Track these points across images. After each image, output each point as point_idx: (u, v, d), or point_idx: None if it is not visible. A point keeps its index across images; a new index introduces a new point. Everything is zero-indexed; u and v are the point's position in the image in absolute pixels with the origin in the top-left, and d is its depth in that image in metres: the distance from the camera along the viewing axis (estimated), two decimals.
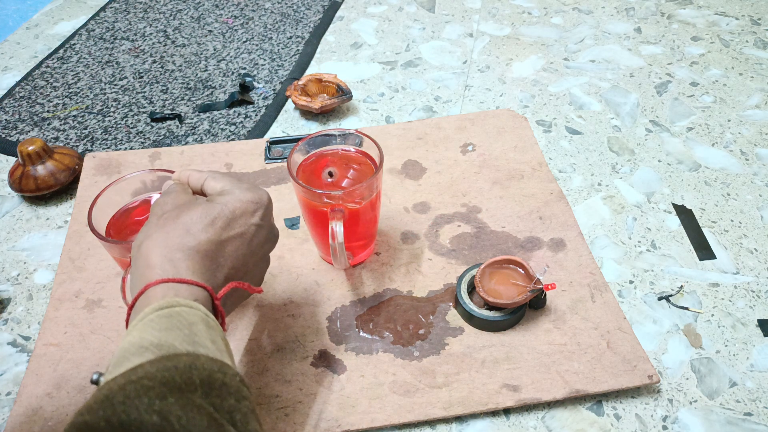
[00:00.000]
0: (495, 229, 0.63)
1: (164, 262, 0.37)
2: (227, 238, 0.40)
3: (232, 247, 0.40)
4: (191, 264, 0.37)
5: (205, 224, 0.39)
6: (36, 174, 0.67)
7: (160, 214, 0.40)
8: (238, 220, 0.41)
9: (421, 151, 0.73)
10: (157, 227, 0.39)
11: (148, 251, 0.38)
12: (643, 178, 0.71)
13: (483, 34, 0.96)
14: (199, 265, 0.38)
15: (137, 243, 0.39)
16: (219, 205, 0.41)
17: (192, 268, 0.37)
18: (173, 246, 0.38)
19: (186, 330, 0.34)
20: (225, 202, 0.41)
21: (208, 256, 0.39)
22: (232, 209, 0.41)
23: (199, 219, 0.39)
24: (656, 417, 0.50)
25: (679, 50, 0.92)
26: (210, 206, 0.40)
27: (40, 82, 0.87)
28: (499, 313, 0.53)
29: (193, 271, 0.37)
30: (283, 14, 1.02)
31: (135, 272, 0.38)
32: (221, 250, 0.40)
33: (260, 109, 0.82)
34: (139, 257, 0.38)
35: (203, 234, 0.39)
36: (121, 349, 0.33)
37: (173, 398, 0.29)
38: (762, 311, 0.57)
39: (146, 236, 0.39)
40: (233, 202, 0.41)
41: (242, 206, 0.41)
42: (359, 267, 0.60)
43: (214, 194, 0.43)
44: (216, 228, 0.39)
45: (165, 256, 0.37)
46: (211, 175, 0.44)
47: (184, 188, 0.44)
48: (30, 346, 0.56)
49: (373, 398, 0.50)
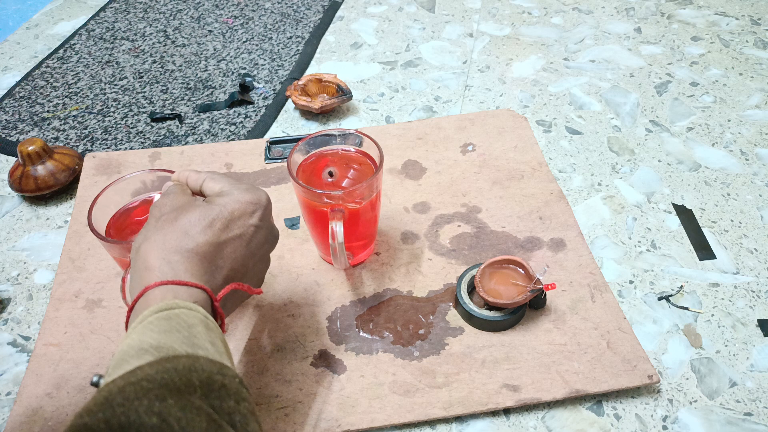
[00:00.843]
0: (495, 229, 0.63)
1: (163, 265, 0.37)
2: (226, 239, 0.40)
3: (230, 249, 0.40)
4: (190, 266, 0.37)
5: (204, 226, 0.39)
6: (36, 174, 0.67)
7: (158, 216, 0.40)
8: (236, 222, 0.41)
9: (421, 151, 0.73)
10: (155, 229, 0.39)
11: (147, 253, 0.38)
12: (643, 178, 0.71)
13: (483, 34, 0.96)
14: (197, 267, 0.38)
15: (136, 245, 0.39)
16: (217, 207, 0.40)
17: (191, 270, 0.37)
18: (172, 248, 0.38)
19: (185, 332, 0.34)
20: (223, 203, 0.41)
21: (206, 257, 0.39)
22: (230, 210, 0.41)
23: (198, 221, 0.39)
24: (656, 417, 0.50)
25: (679, 50, 0.92)
26: (208, 208, 0.40)
27: (40, 82, 0.87)
28: (499, 313, 0.53)
29: (192, 273, 0.37)
30: (283, 14, 1.02)
31: (134, 274, 0.38)
32: (220, 251, 0.40)
33: (260, 109, 0.82)
34: (138, 259, 0.38)
35: (202, 236, 0.39)
36: (121, 351, 0.33)
37: (173, 400, 0.29)
38: (762, 311, 0.57)
39: (145, 238, 0.39)
40: (232, 203, 0.41)
41: (241, 207, 0.41)
42: (359, 267, 0.60)
43: (212, 195, 0.43)
44: (214, 230, 0.39)
45: (163, 259, 0.37)
46: (209, 175, 0.44)
47: (182, 189, 0.44)
48: (30, 346, 0.56)
49: (373, 398, 0.50)
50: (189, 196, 0.43)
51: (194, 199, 0.43)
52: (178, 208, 0.41)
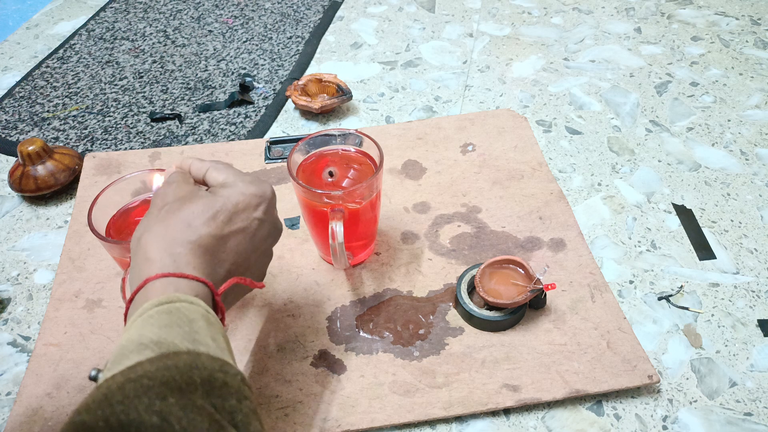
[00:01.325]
0: (495, 229, 0.63)
1: (164, 257, 0.36)
2: (229, 232, 0.39)
3: (234, 242, 0.39)
4: (192, 259, 0.37)
5: (207, 218, 0.38)
6: (36, 174, 0.67)
7: (161, 206, 0.39)
8: (240, 215, 0.40)
9: (421, 151, 0.73)
10: (157, 220, 0.38)
11: (148, 244, 0.37)
12: (643, 178, 0.71)
13: (483, 34, 0.96)
14: (199, 260, 0.37)
15: (137, 235, 0.38)
16: (221, 199, 0.39)
17: (193, 262, 0.36)
18: (174, 240, 0.37)
19: (186, 327, 0.33)
20: (227, 195, 0.40)
21: (209, 250, 0.38)
22: (234, 203, 0.40)
23: (201, 212, 0.38)
24: (656, 417, 0.50)
25: (679, 50, 0.92)
26: (212, 199, 0.39)
27: (40, 82, 0.87)
28: (499, 313, 0.53)
29: (194, 266, 0.36)
30: (283, 14, 1.02)
31: (134, 265, 0.37)
32: (223, 244, 0.39)
33: (260, 109, 0.82)
34: (139, 250, 0.37)
35: (204, 228, 0.38)
36: (120, 345, 0.32)
37: (174, 399, 0.28)
38: (762, 311, 0.57)
39: (146, 229, 0.38)
40: (236, 195, 0.40)
41: (245, 200, 0.40)
42: (359, 267, 0.60)
43: (216, 186, 0.42)
44: (218, 222, 0.38)
45: (165, 250, 0.36)
46: (213, 165, 0.43)
47: (185, 178, 0.42)
48: (30, 346, 0.56)
49: (373, 398, 0.50)
50: (192, 186, 0.42)
51: (197, 189, 0.41)
52: (181, 198, 0.39)
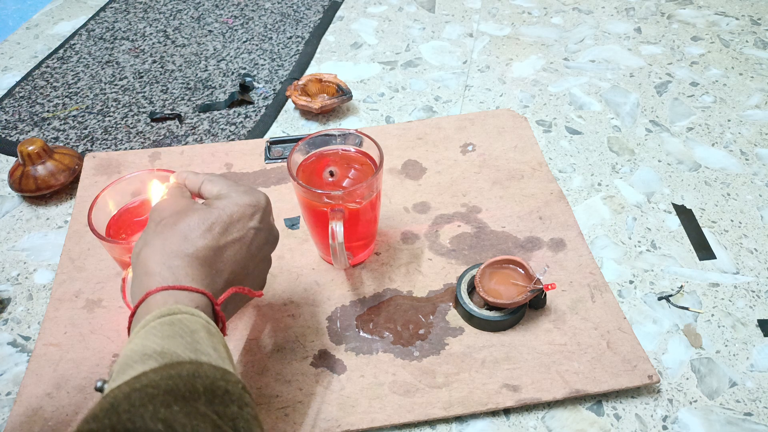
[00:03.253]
0: (495, 229, 0.63)
1: (163, 270, 0.37)
2: (225, 243, 0.40)
3: (231, 252, 0.40)
4: (190, 271, 0.38)
5: (203, 230, 0.39)
6: (36, 174, 0.67)
7: (158, 221, 0.40)
8: (235, 225, 0.41)
9: (421, 151, 0.73)
10: (155, 234, 0.39)
11: (147, 258, 0.38)
12: (643, 178, 0.71)
13: (483, 34, 0.96)
14: (198, 272, 0.38)
15: (136, 250, 0.40)
16: (216, 210, 0.41)
17: (191, 274, 0.38)
18: (171, 253, 0.38)
19: (188, 337, 0.34)
20: (222, 206, 0.41)
21: (206, 262, 0.39)
22: (229, 214, 0.41)
23: (197, 225, 0.39)
24: (656, 417, 0.50)
25: (679, 50, 0.92)
26: (207, 212, 0.40)
27: (40, 82, 0.87)
28: (499, 313, 0.53)
29: (193, 278, 0.37)
30: (283, 14, 1.02)
31: (135, 279, 0.39)
32: (220, 255, 0.40)
33: (260, 109, 0.82)
34: (138, 264, 0.38)
35: (201, 240, 0.39)
36: (124, 356, 0.33)
37: (178, 406, 0.29)
38: (762, 311, 0.57)
39: (145, 243, 0.39)
40: (230, 206, 0.41)
41: (240, 210, 0.41)
42: (359, 267, 0.60)
43: (211, 198, 0.43)
44: (214, 234, 0.39)
45: (164, 264, 0.37)
46: (207, 177, 0.44)
47: (181, 192, 0.44)
48: (30, 346, 0.56)
49: (373, 398, 0.50)
50: (188, 199, 0.43)
51: (193, 203, 0.42)
52: (177, 212, 0.41)
